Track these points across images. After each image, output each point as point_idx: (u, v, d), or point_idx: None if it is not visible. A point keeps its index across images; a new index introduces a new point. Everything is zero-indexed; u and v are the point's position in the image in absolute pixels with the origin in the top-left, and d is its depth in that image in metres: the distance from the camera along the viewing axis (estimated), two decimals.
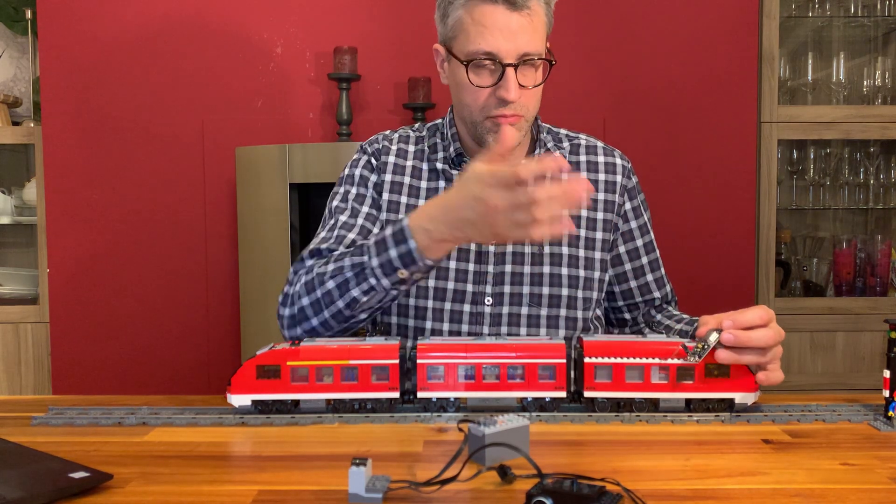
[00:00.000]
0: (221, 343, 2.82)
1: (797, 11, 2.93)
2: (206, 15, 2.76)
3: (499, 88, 1.28)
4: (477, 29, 1.26)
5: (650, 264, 1.47)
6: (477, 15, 1.26)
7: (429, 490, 0.81)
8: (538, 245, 1.37)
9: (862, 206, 3.01)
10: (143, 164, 2.79)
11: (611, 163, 1.46)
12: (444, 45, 1.34)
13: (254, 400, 1.08)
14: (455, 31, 1.29)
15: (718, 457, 0.94)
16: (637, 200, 1.48)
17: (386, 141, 1.46)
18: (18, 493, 0.79)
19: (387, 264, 1.14)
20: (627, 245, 1.46)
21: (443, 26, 1.33)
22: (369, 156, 1.44)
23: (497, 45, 1.25)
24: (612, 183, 1.44)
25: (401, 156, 1.44)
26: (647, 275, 1.47)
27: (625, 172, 1.46)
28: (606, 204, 1.43)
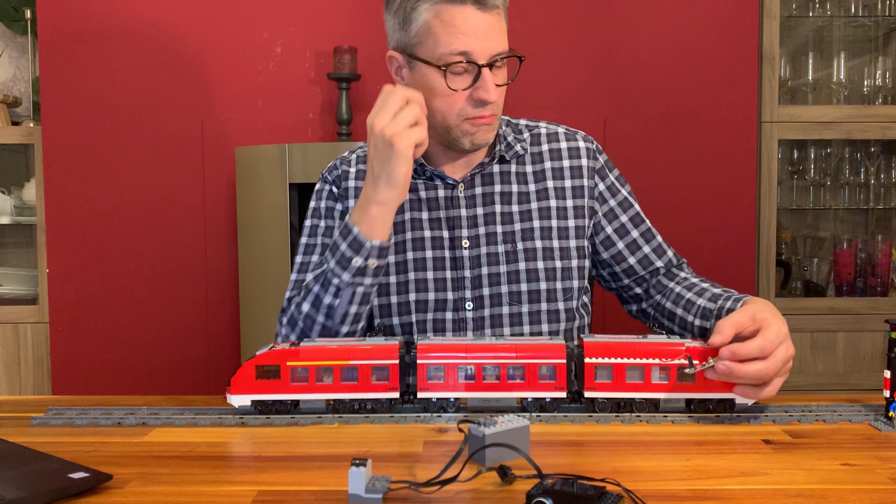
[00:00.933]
0: (221, 343, 2.82)
1: (797, 11, 2.93)
2: (206, 15, 2.76)
3: (476, 90, 1.27)
4: (448, 31, 1.24)
5: (643, 236, 1.45)
6: (446, 17, 1.24)
7: (429, 490, 0.81)
8: (510, 243, 1.38)
9: (862, 206, 3.00)
10: (143, 164, 2.79)
11: (574, 147, 1.44)
12: (404, 52, 1.31)
13: (253, 400, 1.08)
14: (421, 36, 1.27)
15: (718, 457, 0.93)
16: (610, 178, 1.46)
17: (345, 165, 1.45)
18: (18, 493, 0.79)
19: (342, 259, 1.21)
20: (613, 224, 1.44)
21: (403, 32, 1.30)
22: (330, 184, 1.44)
23: (470, 44, 1.24)
24: (577, 168, 1.43)
25: (360, 177, 1.42)
26: (644, 247, 1.45)
27: (589, 154, 1.44)
28: (575, 190, 1.42)
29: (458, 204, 1.39)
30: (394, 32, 1.33)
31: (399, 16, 1.30)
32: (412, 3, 1.27)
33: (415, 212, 1.39)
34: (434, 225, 1.39)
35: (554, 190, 1.41)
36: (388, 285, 1.38)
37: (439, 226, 1.39)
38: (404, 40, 1.30)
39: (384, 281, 1.38)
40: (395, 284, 1.38)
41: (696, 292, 1.36)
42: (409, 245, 1.38)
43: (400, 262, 1.38)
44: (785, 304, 2.83)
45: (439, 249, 1.38)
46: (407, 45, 1.30)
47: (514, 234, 1.39)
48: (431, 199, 1.39)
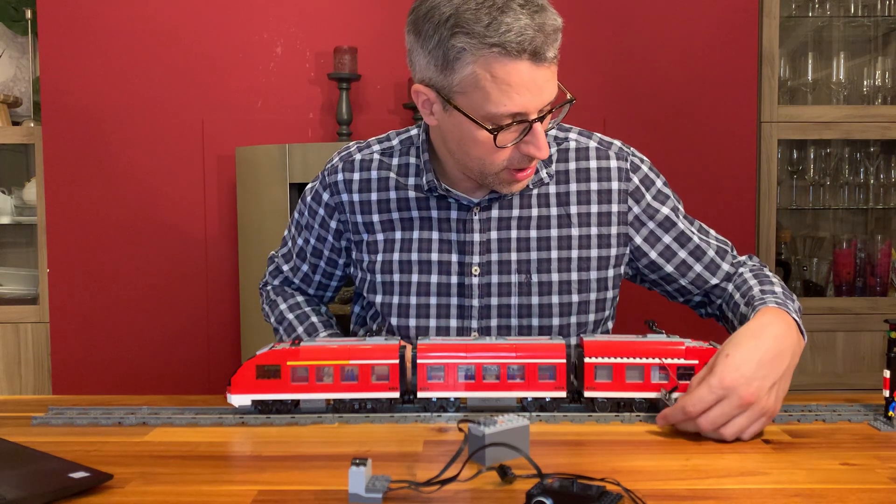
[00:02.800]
0: (221, 343, 2.82)
1: (797, 11, 2.93)
2: (206, 15, 2.76)
3: (526, 145, 1.15)
4: (501, 89, 1.10)
5: (692, 254, 1.33)
6: (500, 73, 1.09)
7: (429, 490, 0.81)
8: (525, 273, 1.29)
9: (862, 206, 3.01)
10: (143, 164, 2.79)
11: (605, 168, 1.31)
12: (438, 93, 1.16)
13: (254, 400, 1.08)
14: (466, 87, 1.12)
15: (718, 457, 0.94)
16: (647, 199, 1.32)
17: (346, 172, 1.34)
18: (18, 493, 0.79)
19: None
20: (657, 248, 1.33)
21: (441, 76, 1.14)
22: (325, 189, 1.36)
23: (525, 104, 1.11)
24: (606, 192, 1.30)
25: (363, 189, 1.33)
26: (695, 266, 1.33)
27: (621, 175, 1.31)
28: (601, 217, 1.30)
29: (470, 228, 1.29)
30: (426, 69, 1.17)
31: (436, 56, 1.13)
32: (456, 50, 1.10)
33: (424, 231, 1.31)
34: (443, 247, 1.30)
35: (578, 216, 1.30)
36: (390, 305, 1.33)
37: (448, 249, 1.30)
38: (441, 83, 1.15)
39: (387, 301, 1.33)
40: (397, 306, 1.32)
41: (742, 293, 1.26)
42: (416, 267, 1.31)
43: (403, 283, 1.31)
44: None
45: (445, 275, 1.30)
46: (445, 89, 1.15)
47: (530, 263, 1.29)
48: (443, 220, 1.30)
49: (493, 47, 1.08)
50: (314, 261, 1.43)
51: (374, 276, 1.34)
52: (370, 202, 1.33)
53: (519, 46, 1.08)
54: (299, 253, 1.44)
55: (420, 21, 1.16)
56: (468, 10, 1.09)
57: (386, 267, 1.33)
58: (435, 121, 1.22)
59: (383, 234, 1.33)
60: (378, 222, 1.33)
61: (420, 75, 1.19)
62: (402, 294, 1.32)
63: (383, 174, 1.33)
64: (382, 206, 1.33)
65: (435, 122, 1.22)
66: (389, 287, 1.33)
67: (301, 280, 1.46)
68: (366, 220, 1.34)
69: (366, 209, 1.33)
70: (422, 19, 1.15)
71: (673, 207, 1.35)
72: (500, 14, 1.08)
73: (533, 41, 1.08)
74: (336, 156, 1.39)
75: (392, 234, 1.32)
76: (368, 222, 1.34)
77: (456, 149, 1.22)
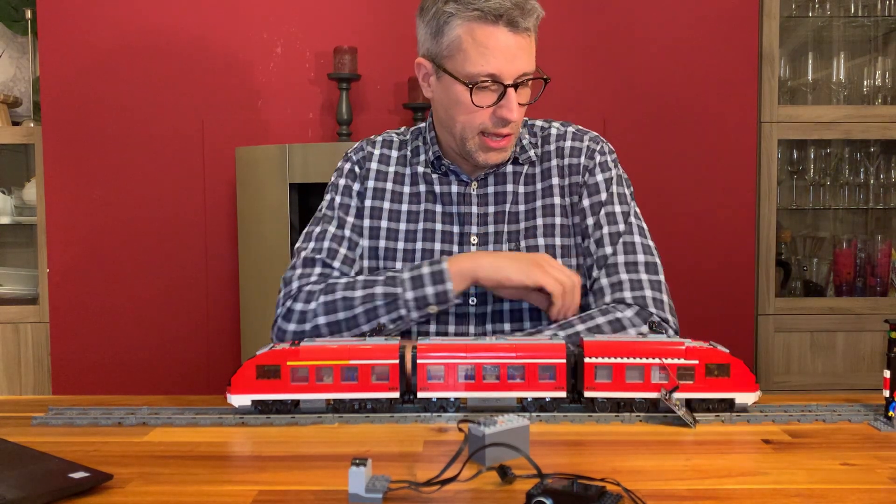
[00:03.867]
0: (221, 343, 2.82)
1: (797, 11, 2.93)
2: (207, 15, 2.76)
3: (500, 108, 1.30)
4: (479, 50, 1.26)
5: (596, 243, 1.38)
6: (479, 36, 1.26)
7: (429, 490, 0.81)
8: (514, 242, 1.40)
9: (862, 206, 3.01)
10: (143, 164, 2.79)
11: (577, 147, 1.43)
12: (432, 61, 1.34)
13: (254, 400, 1.08)
14: (452, 50, 1.29)
15: (718, 457, 0.94)
16: (597, 178, 1.41)
17: (370, 146, 1.47)
18: (18, 493, 0.79)
19: (421, 299, 1.28)
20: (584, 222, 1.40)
21: (434, 43, 1.32)
22: (353, 164, 1.46)
23: (500, 66, 1.27)
24: (575, 166, 1.42)
25: (383, 162, 1.46)
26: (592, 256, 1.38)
27: (588, 153, 1.42)
28: (572, 188, 1.41)
29: (469, 201, 1.41)
30: (425, 40, 1.34)
31: (432, 25, 1.31)
32: (445, 16, 1.28)
33: (429, 203, 1.42)
34: (446, 219, 1.41)
35: (559, 188, 1.41)
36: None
37: (450, 221, 1.41)
38: (435, 50, 1.32)
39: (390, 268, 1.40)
40: None
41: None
42: (420, 235, 1.41)
43: (408, 251, 1.41)
44: (784, 303, 2.84)
45: (448, 243, 1.40)
46: (437, 56, 1.32)
47: (519, 233, 1.40)
48: (445, 194, 1.42)
49: (474, 11, 1.26)
50: (355, 238, 1.42)
51: (378, 242, 1.42)
52: (388, 172, 1.45)
53: (496, 12, 1.25)
54: (333, 237, 1.41)
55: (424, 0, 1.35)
56: None
57: (391, 234, 1.42)
58: (431, 92, 1.38)
59: (390, 203, 1.43)
60: (390, 191, 1.44)
61: (421, 50, 1.36)
62: (405, 260, 1.41)
63: (402, 153, 1.47)
64: (397, 178, 1.44)
65: (430, 94, 1.38)
66: (392, 253, 1.41)
67: (342, 262, 1.40)
68: (378, 186, 1.44)
69: (381, 176, 1.44)
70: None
71: (617, 197, 1.41)
72: None
73: (510, 11, 1.25)
74: (358, 143, 1.50)
75: (398, 207, 1.43)
76: (381, 188, 1.44)
77: (444, 115, 1.36)
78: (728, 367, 1.07)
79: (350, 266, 1.40)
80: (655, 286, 1.34)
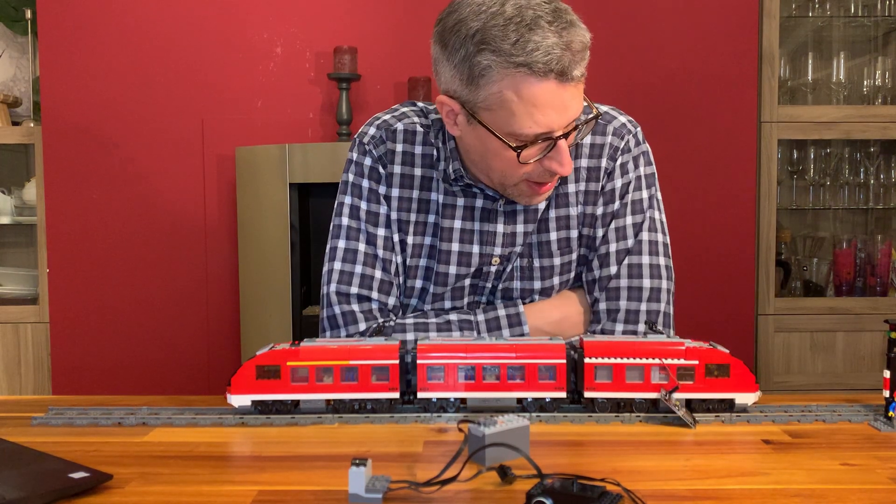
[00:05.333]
0: (221, 343, 2.82)
1: (797, 11, 2.93)
2: (207, 15, 2.76)
3: (549, 160, 1.14)
4: (527, 110, 1.09)
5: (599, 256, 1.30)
6: (526, 94, 1.08)
7: (429, 490, 0.81)
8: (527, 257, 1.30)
9: (862, 206, 3.01)
10: (143, 164, 2.79)
11: (598, 144, 1.28)
12: (463, 105, 1.15)
13: (254, 400, 1.08)
14: (491, 104, 1.11)
15: (718, 457, 0.93)
16: (616, 182, 1.29)
17: (391, 141, 1.29)
18: (18, 493, 0.79)
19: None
20: (593, 231, 1.30)
21: (466, 91, 1.12)
22: (375, 161, 1.29)
23: (550, 123, 1.11)
24: (594, 170, 1.28)
25: (407, 163, 1.29)
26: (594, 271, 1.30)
27: (610, 152, 1.28)
28: (587, 195, 1.28)
29: (495, 218, 1.28)
30: (451, 81, 1.15)
31: (462, 70, 1.11)
32: (482, 67, 1.09)
33: (446, 220, 1.28)
34: (465, 237, 1.28)
35: (575, 195, 1.29)
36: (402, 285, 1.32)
37: (470, 239, 1.28)
38: (467, 97, 1.13)
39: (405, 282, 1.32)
40: (411, 288, 1.31)
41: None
42: (426, 251, 1.30)
43: (429, 269, 1.30)
44: (784, 303, 2.83)
45: (465, 266, 1.29)
46: (470, 103, 1.14)
47: (531, 246, 1.30)
48: (468, 209, 1.28)
49: (519, 67, 1.07)
50: (388, 255, 1.29)
51: (405, 257, 1.31)
52: (413, 177, 1.29)
53: (546, 66, 1.06)
54: (366, 259, 1.28)
55: (447, 33, 1.13)
56: (496, 27, 1.07)
57: (416, 251, 1.30)
58: (458, 132, 1.20)
59: (416, 215, 1.29)
60: (416, 199, 1.29)
61: (445, 87, 1.17)
62: (424, 279, 1.31)
63: (427, 150, 1.30)
64: (424, 183, 1.29)
65: (458, 133, 1.21)
66: (414, 272, 1.31)
67: (380, 291, 1.28)
68: (404, 195, 1.29)
69: (406, 182, 1.29)
70: (448, 32, 1.13)
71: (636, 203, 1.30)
72: (528, 32, 1.06)
73: (560, 60, 1.07)
74: (370, 127, 1.32)
75: (425, 218, 1.29)
76: (407, 197, 1.29)
77: (478, 160, 1.21)
78: (728, 367, 1.07)
79: (387, 294, 1.27)
80: (653, 317, 1.26)
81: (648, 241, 1.29)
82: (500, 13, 1.07)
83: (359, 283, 1.27)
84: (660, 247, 1.30)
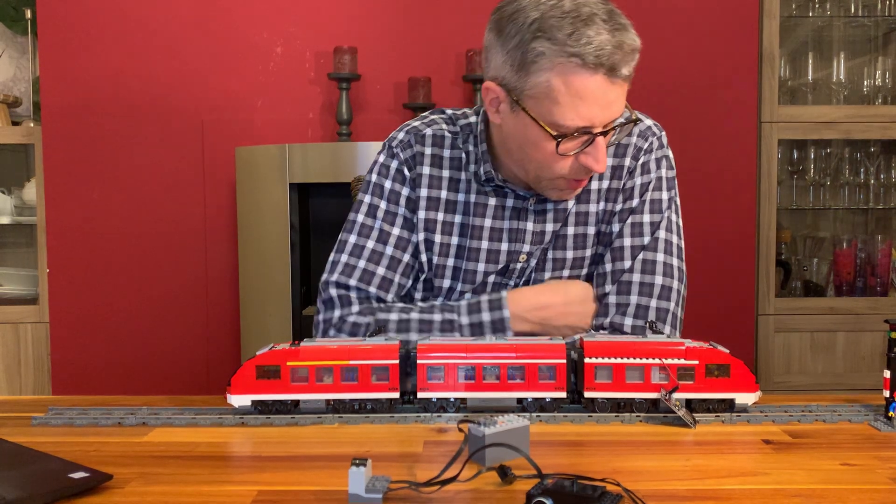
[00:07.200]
0: (221, 343, 2.82)
1: (797, 11, 2.93)
2: (207, 15, 2.76)
3: (585, 156, 1.16)
4: (572, 101, 1.12)
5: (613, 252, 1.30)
6: (574, 84, 1.11)
7: (429, 490, 0.81)
8: None
9: (862, 206, 3.01)
10: (143, 164, 2.79)
11: (623, 144, 1.31)
12: (509, 93, 1.17)
13: (254, 400, 1.08)
14: (538, 93, 1.13)
15: (718, 457, 0.93)
16: (637, 180, 1.30)
17: (419, 145, 1.32)
18: (18, 493, 0.78)
19: (476, 325, 1.22)
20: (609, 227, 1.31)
21: (515, 77, 1.15)
22: (401, 164, 1.32)
23: (592, 118, 1.13)
24: (618, 168, 1.30)
25: (436, 165, 1.31)
26: (606, 265, 1.30)
27: (633, 152, 1.31)
28: (609, 193, 1.30)
29: (525, 217, 1.30)
30: (501, 67, 1.17)
31: (514, 56, 1.14)
32: (535, 53, 1.12)
33: (477, 217, 1.30)
34: (494, 235, 1.30)
35: (596, 192, 1.30)
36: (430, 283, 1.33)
37: (499, 237, 1.30)
38: (514, 83, 1.16)
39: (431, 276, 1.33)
40: (440, 287, 1.33)
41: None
42: (465, 253, 1.31)
43: (456, 269, 1.32)
44: (784, 303, 2.83)
45: (493, 263, 1.31)
46: (516, 90, 1.16)
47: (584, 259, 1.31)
48: (499, 208, 1.30)
49: (571, 57, 1.10)
50: (398, 255, 1.31)
51: (432, 256, 1.32)
52: (441, 178, 1.32)
53: (597, 60, 1.09)
54: (371, 255, 1.30)
55: (504, 21, 1.16)
56: (553, 18, 1.11)
57: (443, 250, 1.32)
58: (500, 119, 1.22)
59: (444, 214, 1.31)
60: (444, 200, 1.31)
61: (493, 73, 1.20)
62: (452, 278, 1.33)
63: (455, 154, 1.32)
64: (451, 185, 1.31)
65: (499, 121, 1.23)
66: (441, 271, 1.32)
67: (378, 287, 1.30)
68: (432, 195, 1.31)
69: (434, 183, 1.31)
70: (506, 19, 1.16)
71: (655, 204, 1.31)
72: (584, 26, 1.09)
73: (611, 57, 1.10)
74: (399, 132, 1.35)
75: (452, 218, 1.31)
76: (435, 198, 1.31)
77: (515, 150, 1.23)
78: (728, 367, 1.07)
79: (386, 291, 1.29)
80: (662, 315, 1.26)
81: (664, 241, 1.30)
82: (558, 6, 1.12)
83: (359, 277, 1.29)
84: (674, 248, 1.31)
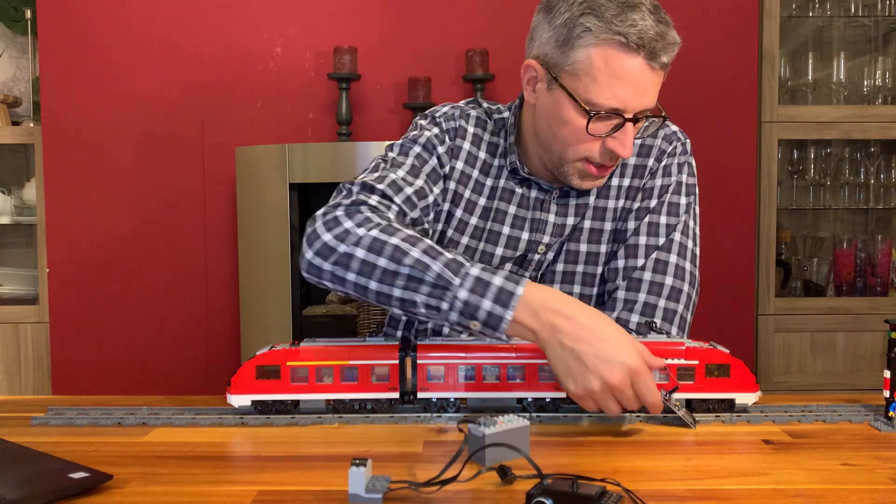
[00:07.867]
0: (221, 343, 2.82)
1: (797, 11, 2.93)
2: (206, 15, 2.76)
3: (613, 140, 1.18)
4: (609, 80, 1.14)
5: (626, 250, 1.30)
6: (614, 64, 1.13)
7: (429, 490, 0.81)
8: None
9: (862, 206, 3.01)
10: (143, 164, 2.79)
11: (647, 145, 1.33)
12: (548, 70, 1.19)
13: (253, 400, 1.08)
14: (577, 68, 1.15)
15: (718, 457, 0.94)
16: (657, 181, 1.32)
17: (462, 120, 1.33)
18: (18, 493, 0.79)
19: (471, 307, 1.00)
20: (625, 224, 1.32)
21: (558, 53, 1.17)
22: (443, 132, 1.32)
23: (625, 100, 1.15)
24: (640, 167, 1.33)
25: (475, 144, 1.33)
26: (619, 260, 1.30)
27: (657, 153, 1.33)
28: (629, 191, 1.32)
29: (547, 207, 1.31)
30: (545, 44, 1.19)
31: (560, 32, 1.16)
32: (580, 30, 1.14)
33: (503, 202, 1.32)
34: (517, 223, 1.32)
35: (616, 189, 1.32)
36: None
37: (521, 226, 1.32)
38: (555, 59, 1.18)
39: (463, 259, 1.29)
40: None
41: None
42: (484, 235, 1.32)
43: (469, 248, 1.32)
44: (784, 303, 2.83)
45: (511, 250, 1.32)
46: (556, 66, 1.18)
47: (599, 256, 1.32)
48: (524, 197, 1.32)
49: (616, 35, 1.12)
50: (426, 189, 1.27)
51: (448, 229, 1.33)
52: (477, 158, 1.33)
53: (639, 41, 1.12)
54: (403, 179, 1.24)
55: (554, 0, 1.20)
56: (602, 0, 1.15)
57: (461, 227, 1.32)
58: (534, 98, 1.24)
59: (470, 193, 1.32)
60: (474, 179, 1.32)
61: (536, 51, 1.22)
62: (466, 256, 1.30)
63: (494, 140, 1.34)
64: (484, 167, 1.33)
65: (534, 101, 1.25)
66: (455, 247, 1.32)
67: (404, 201, 1.22)
68: (466, 171, 1.32)
69: (470, 160, 1.32)
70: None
71: (672, 206, 1.33)
72: (631, 11, 1.13)
73: (653, 42, 1.13)
74: (443, 106, 1.36)
75: (477, 199, 1.32)
76: (468, 174, 1.32)
77: (545, 129, 1.24)
78: (728, 367, 1.07)
79: (411, 209, 1.22)
80: (669, 316, 1.26)
81: (679, 243, 1.31)
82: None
83: (388, 184, 1.21)
84: (688, 253, 1.33)
